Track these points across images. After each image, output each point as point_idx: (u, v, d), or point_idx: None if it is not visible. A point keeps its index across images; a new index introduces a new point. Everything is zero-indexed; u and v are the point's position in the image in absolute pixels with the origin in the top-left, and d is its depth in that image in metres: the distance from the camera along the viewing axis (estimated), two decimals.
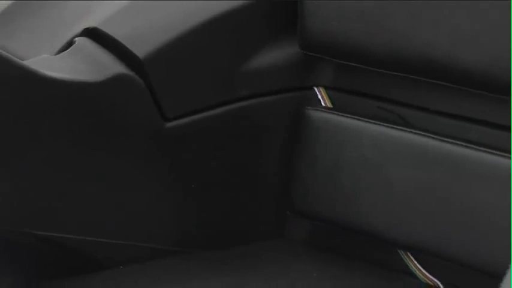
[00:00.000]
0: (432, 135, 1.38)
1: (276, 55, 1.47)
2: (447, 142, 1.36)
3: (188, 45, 1.38)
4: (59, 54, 1.36)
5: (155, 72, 1.35)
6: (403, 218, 1.40)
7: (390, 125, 1.41)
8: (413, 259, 1.45)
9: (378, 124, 1.42)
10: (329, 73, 1.50)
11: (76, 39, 1.37)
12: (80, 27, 1.38)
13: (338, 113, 1.46)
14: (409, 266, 1.45)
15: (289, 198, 1.50)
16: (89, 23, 1.38)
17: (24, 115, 1.23)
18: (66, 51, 1.36)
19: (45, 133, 1.27)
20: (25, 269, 1.44)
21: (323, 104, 1.49)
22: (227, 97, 1.43)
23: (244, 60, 1.44)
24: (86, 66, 1.31)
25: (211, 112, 1.41)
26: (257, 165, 1.49)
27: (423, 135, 1.38)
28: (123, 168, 1.37)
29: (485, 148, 1.33)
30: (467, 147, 1.35)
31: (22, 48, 1.40)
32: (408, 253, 1.45)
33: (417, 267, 1.45)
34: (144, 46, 1.36)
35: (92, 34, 1.37)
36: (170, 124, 1.38)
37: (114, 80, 1.32)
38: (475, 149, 1.34)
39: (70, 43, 1.37)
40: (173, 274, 1.37)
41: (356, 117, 1.44)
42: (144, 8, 1.43)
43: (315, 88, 1.50)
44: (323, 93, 1.50)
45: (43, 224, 1.31)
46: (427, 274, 1.44)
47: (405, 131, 1.40)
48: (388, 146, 1.40)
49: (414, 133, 1.39)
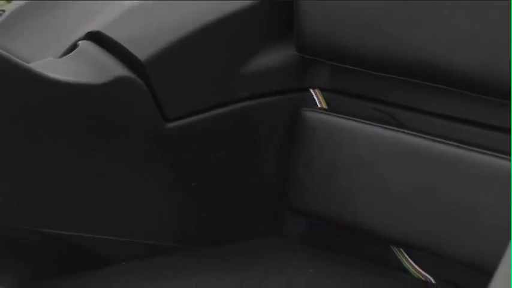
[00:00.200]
0: (425, 135, 1.38)
1: (274, 58, 1.47)
2: (440, 142, 1.36)
3: (188, 48, 1.38)
4: (63, 57, 1.35)
5: (156, 74, 1.35)
6: (397, 216, 1.40)
7: (384, 126, 1.41)
8: (406, 255, 1.45)
9: (373, 125, 1.42)
10: (325, 75, 1.50)
11: (79, 42, 1.37)
12: (83, 30, 1.38)
13: (334, 114, 1.46)
14: (403, 262, 1.45)
15: (286, 196, 1.50)
16: (92, 27, 1.38)
17: (28, 116, 1.23)
18: (69, 54, 1.35)
19: (48, 133, 1.26)
20: (30, 265, 1.43)
21: (319, 105, 1.50)
22: (226, 98, 1.43)
23: (242, 62, 1.44)
24: (89, 68, 1.31)
25: (210, 113, 1.41)
26: (255, 164, 1.49)
27: (417, 135, 1.38)
28: (124, 167, 1.36)
29: (476, 148, 1.34)
30: (459, 147, 1.35)
31: (27, 51, 1.40)
32: (401, 250, 1.45)
33: (410, 263, 1.45)
34: (146, 49, 1.35)
35: (95, 38, 1.37)
36: (171, 125, 1.38)
37: (116, 82, 1.31)
38: (467, 149, 1.34)
39: (74, 46, 1.37)
40: (173, 270, 1.37)
41: (351, 118, 1.44)
42: (146, 12, 1.43)
43: (311, 90, 1.50)
44: (319, 94, 1.50)
45: (47, 222, 1.30)
46: (420, 270, 1.44)
47: (399, 132, 1.40)
48: (383, 146, 1.41)
49: (408, 134, 1.39)
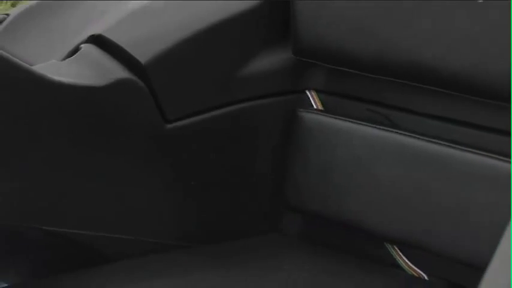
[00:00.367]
0: (419, 136, 1.38)
1: (271, 60, 1.47)
2: (433, 142, 1.36)
3: (188, 51, 1.38)
4: (66, 59, 1.35)
5: (157, 76, 1.35)
6: (391, 214, 1.40)
7: (379, 127, 1.42)
8: (399, 252, 1.45)
9: (368, 126, 1.42)
10: (320, 77, 1.50)
11: (82, 45, 1.37)
12: (86, 34, 1.38)
13: (329, 115, 1.46)
14: (396, 259, 1.46)
15: (284, 195, 1.50)
16: (94, 30, 1.38)
17: (31, 116, 1.23)
18: (72, 57, 1.35)
19: (50, 134, 1.26)
20: (33, 263, 1.44)
21: (315, 107, 1.49)
22: (225, 100, 1.43)
23: (241, 65, 1.44)
24: (91, 71, 1.31)
25: (210, 114, 1.41)
26: (253, 163, 1.49)
27: (410, 136, 1.39)
28: (125, 167, 1.36)
29: (469, 148, 1.34)
30: (451, 147, 1.35)
31: (31, 53, 1.40)
32: (395, 247, 1.45)
33: (403, 259, 1.45)
34: (146, 52, 1.35)
35: (97, 41, 1.36)
36: (171, 125, 1.38)
37: (117, 84, 1.31)
38: (459, 149, 1.34)
39: (76, 49, 1.37)
40: (174, 267, 1.37)
41: (346, 119, 1.44)
42: (146, 16, 1.42)
43: (307, 91, 1.50)
44: (315, 96, 1.50)
45: (49, 220, 1.30)
46: (413, 266, 1.45)
47: (393, 132, 1.40)
48: (377, 146, 1.41)
49: (402, 134, 1.39)
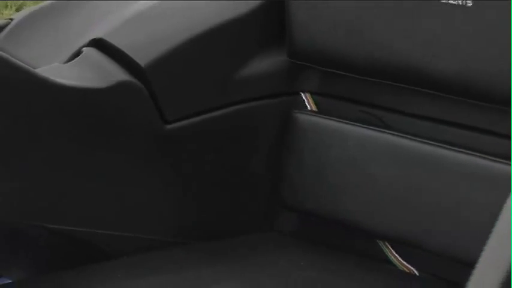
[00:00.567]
0: (411, 136, 1.38)
1: (266, 63, 1.47)
2: (424, 143, 1.36)
3: (186, 54, 1.38)
4: (68, 62, 1.35)
5: (156, 79, 1.35)
6: (383, 212, 1.40)
7: (371, 127, 1.41)
8: (391, 249, 1.45)
9: (360, 126, 1.42)
10: (315, 79, 1.49)
11: (83, 49, 1.36)
12: (87, 38, 1.38)
13: (323, 116, 1.46)
14: (388, 255, 1.45)
15: (279, 194, 1.50)
16: (96, 34, 1.37)
17: (34, 117, 1.22)
18: (74, 60, 1.35)
19: (52, 134, 1.26)
20: (36, 259, 1.43)
21: (309, 108, 1.49)
22: (222, 101, 1.42)
23: (237, 68, 1.44)
24: (93, 74, 1.31)
25: (207, 115, 1.41)
26: (250, 163, 1.48)
27: (402, 136, 1.38)
28: (125, 167, 1.36)
29: (459, 148, 1.34)
30: (443, 147, 1.35)
31: (35, 57, 1.40)
32: (387, 243, 1.45)
33: (395, 256, 1.45)
34: (146, 55, 1.35)
35: (98, 44, 1.36)
36: (170, 126, 1.38)
37: (118, 87, 1.31)
38: (450, 150, 1.34)
39: (78, 53, 1.36)
40: (173, 264, 1.36)
41: (340, 120, 1.44)
42: (146, 20, 1.42)
43: (302, 93, 1.50)
44: (309, 98, 1.50)
45: (51, 218, 1.30)
46: (404, 262, 1.44)
47: (385, 133, 1.40)
48: (370, 147, 1.40)
49: (394, 135, 1.39)
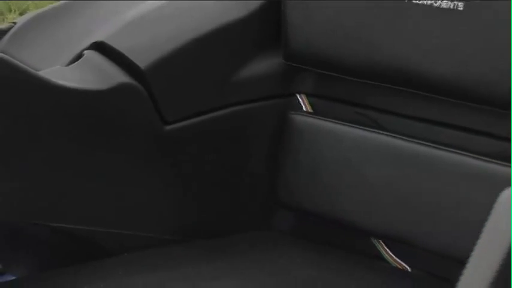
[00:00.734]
0: (404, 137, 1.38)
1: (263, 66, 1.46)
2: (417, 143, 1.36)
3: (185, 57, 1.38)
4: (70, 65, 1.35)
5: (156, 81, 1.34)
6: (377, 210, 1.39)
7: (366, 128, 1.41)
8: (384, 246, 1.45)
9: (355, 127, 1.42)
10: (310, 81, 1.49)
11: (85, 52, 1.36)
12: (88, 41, 1.37)
13: (319, 117, 1.45)
14: (381, 252, 1.45)
15: (276, 193, 1.49)
16: (96, 38, 1.37)
17: (35, 118, 1.22)
18: (76, 62, 1.34)
19: (54, 135, 1.25)
20: (39, 257, 1.43)
21: (305, 109, 1.49)
22: (220, 103, 1.42)
23: (234, 70, 1.43)
24: (94, 76, 1.30)
25: (206, 116, 1.41)
26: (247, 163, 1.48)
27: (396, 137, 1.38)
28: (125, 166, 1.36)
29: (451, 149, 1.34)
30: (435, 148, 1.35)
31: (38, 59, 1.39)
32: (380, 241, 1.45)
33: (388, 253, 1.45)
34: (146, 58, 1.35)
35: (99, 47, 1.36)
36: (169, 127, 1.37)
37: (118, 89, 1.31)
38: (442, 150, 1.34)
39: (79, 55, 1.36)
40: (172, 261, 1.36)
41: (335, 121, 1.44)
42: (146, 24, 1.42)
43: (297, 95, 1.50)
44: (304, 99, 1.49)
45: (53, 217, 1.29)
46: (397, 259, 1.44)
47: (379, 134, 1.40)
48: (364, 147, 1.40)
49: (388, 135, 1.39)
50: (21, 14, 3.54)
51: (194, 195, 1.44)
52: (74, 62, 1.36)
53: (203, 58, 1.41)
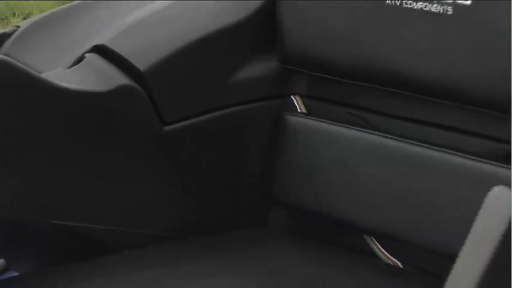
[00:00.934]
0: (395, 137, 1.38)
1: (259, 68, 1.46)
2: (408, 143, 1.36)
3: (183, 59, 1.37)
4: (72, 67, 1.35)
5: (155, 83, 1.34)
6: (369, 208, 1.39)
7: (358, 129, 1.41)
8: (377, 243, 1.45)
9: (348, 128, 1.42)
10: (304, 83, 1.49)
11: (86, 55, 1.36)
12: (90, 44, 1.37)
13: (313, 118, 1.45)
14: (373, 249, 1.45)
15: (271, 191, 1.49)
16: (97, 41, 1.37)
17: (37, 119, 1.22)
18: (77, 65, 1.34)
19: (56, 135, 1.25)
20: (42, 253, 1.43)
21: (299, 110, 1.49)
22: (217, 104, 1.42)
23: (231, 72, 1.43)
24: (94, 78, 1.30)
25: (203, 117, 1.40)
26: (244, 162, 1.48)
27: (387, 137, 1.38)
28: (126, 166, 1.35)
29: (441, 148, 1.34)
30: (425, 147, 1.35)
31: (40, 62, 1.39)
32: (373, 238, 1.45)
33: (380, 249, 1.45)
34: (145, 61, 1.34)
35: (100, 50, 1.36)
36: (168, 127, 1.37)
37: (118, 90, 1.30)
38: (432, 149, 1.34)
39: (81, 58, 1.36)
40: (171, 257, 1.36)
41: (328, 121, 1.44)
42: (145, 28, 1.42)
43: (292, 96, 1.49)
44: (299, 100, 1.49)
45: (55, 214, 1.29)
46: (388, 255, 1.44)
47: (371, 134, 1.40)
48: (357, 147, 1.40)
49: (379, 135, 1.39)
50: (24, 18, 3.53)
51: (193, 193, 1.44)
52: (76, 65, 1.36)
53: (201, 60, 1.41)
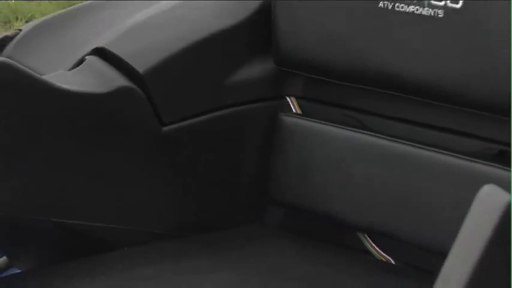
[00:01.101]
0: (387, 137, 1.38)
1: (255, 70, 1.46)
2: (399, 143, 1.36)
3: (182, 62, 1.37)
4: (72, 70, 1.34)
5: (153, 84, 1.34)
6: (362, 206, 1.39)
7: (352, 129, 1.41)
8: (369, 240, 1.45)
9: (341, 128, 1.42)
10: (299, 85, 1.49)
11: (86, 57, 1.36)
12: (90, 47, 1.37)
13: (307, 119, 1.45)
14: (367, 246, 1.45)
15: (267, 190, 1.49)
16: (97, 44, 1.37)
17: (41, 120, 1.22)
18: (78, 67, 1.34)
19: (58, 136, 1.25)
20: (43, 251, 1.43)
21: (294, 111, 1.48)
22: (215, 105, 1.42)
23: (228, 74, 1.43)
24: (95, 80, 1.30)
25: (201, 118, 1.40)
26: (240, 161, 1.48)
27: (379, 137, 1.38)
28: (125, 166, 1.35)
29: (432, 148, 1.34)
30: (416, 147, 1.35)
31: (42, 64, 1.39)
32: (366, 235, 1.45)
33: (373, 246, 1.45)
34: (144, 63, 1.34)
35: (100, 53, 1.35)
36: (166, 128, 1.37)
37: (118, 92, 1.30)
38: (423, 149, 1.34)
39: (82, 60, 1.36)
40: (170, 254, 1.35)
41: (322, 122, 1.43)
42: (144, 31, 1.41)
43: (287, 97, 1.49)
44: (294, 101, 1.49)
45: (56, 213, 1.29)
46: (381, 252, 1.44)
47: (364, 134, 1.40)
48: (350, 146, 1.40)
49: (372, 135, 1.39)
50: (27, 22, 3.53)
51: (191, 192, 1.44)
52: (76, 67, 1.35)
53: (199, 63, 1.40)
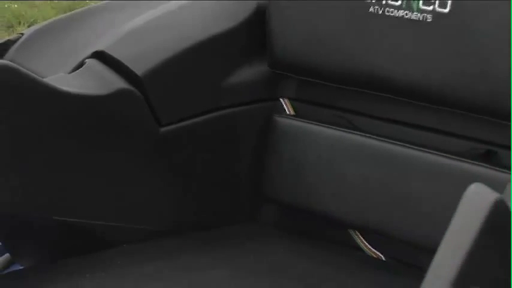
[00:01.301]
0: (377, 137, 1.38)
1: (250, 72, 1.46)
2: (389, 143, 1.37)
3: (179, 64, 1.37)
4: (73, 72, 1.34)
5: (152, 86, 1.34)
6: (354, 204, 1.40)
7: (343, 129, 1.41)
8: (361, 237, 1.45)
9: (333, 129, 1.42)
10: (293, 87, 1.49)
11: (86, 60, 1.36)
12: (90, 50, 1.37)
13: (301, 120, 1.46)
14: (358, 243, 1.45)
15: (262, 189, 1.49)
16: (97, 47, 1.37)
17: (42, 122, 1.22)
18: (78, 70, 1.34)
19: (59, 137, 1.25)
20: (45, 248, 1.42)
21: (288, 112, 1.48)
22: (211, 106, 1.42)
23: (224, 76, 1.43)
24: (94, 82, 1.30)
25: (197, 119, 1.40)
26: (236, 161, 1.48)
27: (370, 137, 1.39)
28: (124, 165, 1.35)
29: (421, 148, 1.34)
30: (406, 147, 1.35)
31: (43, 67, 1.39)
32: (357, 232, 1.45)
33: (364, 243, 1.45)
34: (143, 66, 1.34)
35: (100, 56, 1.35)
36: (164, 129, 1.37)
37: (117, 94, 1.30)
38: (412, 148, 1.34)
39: (82, 64, 1.36)
40: (168, 251, 1.36)
41: (315, 123, 1.44)
42: (143, 34, 1.41)
43: (281, 99, 1.49)
44: (288, 103, 1.49)
45: (57, 211, 1.29)
46: (372, 249, 1.44)
47: (355, 134, 1.40)
48: (342, 146, 1.40)
49: (363, 136, 1.39)
50: (29, 26, 3.52)
51: (188, 191, 1.44)
52: (77, 70, 1.35)
53: (195, 65, 1.41)
